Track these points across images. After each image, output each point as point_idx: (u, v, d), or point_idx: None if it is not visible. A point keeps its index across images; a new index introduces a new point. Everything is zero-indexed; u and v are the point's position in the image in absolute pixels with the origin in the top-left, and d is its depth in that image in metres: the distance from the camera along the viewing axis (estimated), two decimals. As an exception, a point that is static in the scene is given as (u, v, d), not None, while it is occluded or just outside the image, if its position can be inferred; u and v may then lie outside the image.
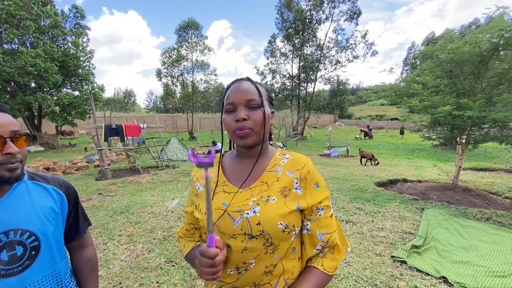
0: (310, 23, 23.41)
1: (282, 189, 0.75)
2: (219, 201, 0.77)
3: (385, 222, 3.72)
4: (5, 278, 0.74)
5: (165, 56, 25.00)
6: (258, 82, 0.82)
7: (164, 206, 4.46)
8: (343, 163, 10.11)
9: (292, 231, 0.73)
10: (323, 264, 0.77)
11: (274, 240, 0.71)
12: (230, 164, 0.85)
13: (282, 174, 0.77)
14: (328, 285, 2.31)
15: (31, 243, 0.79)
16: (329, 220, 0.78)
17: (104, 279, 2.44)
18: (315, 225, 0.77)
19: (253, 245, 0.70)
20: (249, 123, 0.73)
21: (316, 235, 0.77)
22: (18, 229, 0.77)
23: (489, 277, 2.44)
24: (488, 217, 3.91)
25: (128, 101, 70.46)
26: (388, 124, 38.54)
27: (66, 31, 16.05)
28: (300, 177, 0.76)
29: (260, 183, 0.77)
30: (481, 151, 13.48)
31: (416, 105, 5.10)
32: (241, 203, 0.74)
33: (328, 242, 0.77)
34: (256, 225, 0.70)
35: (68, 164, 8.44)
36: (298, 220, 0.75)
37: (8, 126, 0.75)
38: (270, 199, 0.73)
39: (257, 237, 0.70)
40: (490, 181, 6.61)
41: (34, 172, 0.91)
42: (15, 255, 0.75)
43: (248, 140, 0.74)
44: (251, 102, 0.74)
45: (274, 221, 0.70)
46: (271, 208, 0.71)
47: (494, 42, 4.40)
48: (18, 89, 14.52)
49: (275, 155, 0.83)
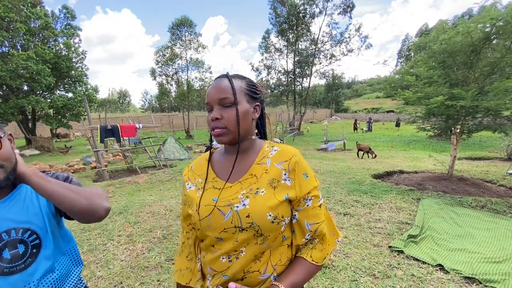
0: (304, 17, 23.32)
1: (270, 180, 0.76)
2: (209, 197, 0.79)
3: (382, 213, 3.77)
4: (9, 276, 0.76)
5: (159, 55, 24.82)
6: (240, 77, 0.82)
7: (162, 205, 4.47)
8: (340, 157, 10.18)
9: (282, 221, 0.74)
10: (311, 256, 0.78)
11: (263, 231, 0.72)
12: (219, 160, 0.87)
13: (271, 166, 0.78)
14: (327, 276, 2.35)
15: (32, 241, 0.81)
16: (317, 210, 0.79)
17: (104, 279, 2.45)
18: (302, 215, 0.78)
19: (244, 236, 0.73)
20: (222, 122, 0.74)
21: (304, 225, 0.78)
22: (20, 227, 0.79)
23: (484, 263, 2.50)
24: (483, 205, 3.97)
25: (123, 101, 69.87)
26: (384, 117, 38.74)
27: (57, 32, 15.80)
28: (288, 168, 0.77)
29: (249, 176, 0.78)
30: (476, 141, 13.63)
31: (410, 97, 5.14)
32: (230, 197, 0.75)
33: (316, 231, 0.78)
34: (245, 218, 0.72)
35: (64, 167, 8.39)
36: (288, 210, 0.77)
37: None
38: (259, 191, 0.74)
39: (247, 229, 0.72)
40: (485, 169, 6.71)
41: None
42: (17, 253, 0.78)
43: (223, 139, 0.76)
44: (224, 101, 0.74)
45: (263, 213, 0.71)
46: (260, 200, 0.73)
47: (485, 32, 4.43)
48: (11, 92, 14.32)
49: (263, 148, 0.83)
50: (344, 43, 24.08)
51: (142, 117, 30.38)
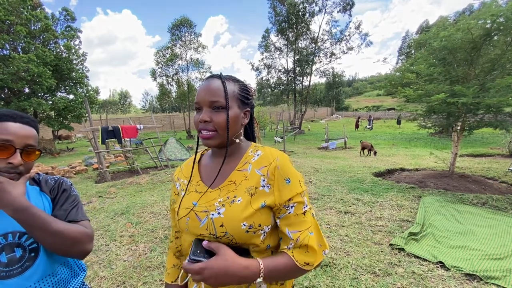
0: (304, 16, 23.25)
1: (249, 188, 0.73)
2: (189, 200, 0.78)
3: (383, 211, 3.77)
4: (5, 280, 0.76)
5: (159, 56, 24.82)
6: (234, 80, 0.80)
7: (164, 205, 4.49)
8: (341, 155, 10.17)
9: (259, 230, 0.71)
10: (293, 253, 0.71)
11: (238, 241, 0.70)
12: (206, 164, 0.86)
13: (251, 172, 0.75)
14: (328, 274, 2.36)
15: (30, 245, 0.81)
16: (301, 218, 0.72)
17: (107, 279, 2.47)
18: (284, 223, 0.72)
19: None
20: (212, 125, 0.72)
21: (286, 233, 0.72)
22: (17, 231, 0.79)
23: (485, 260, 2.50)
24: (484, 202, 3.97)
25: (124, 102, 70.03)
26: (385, 115, 38.65)
27: (57, 35, 15.86)
28: (267, 173, 0.72)
29: (229, 183, 0.76)
30: (478, 137, 13.58)
31: (410, 94, 5.13)
32: (208, 204, 0.74)
33: (298, 240, 0.70)
34: (219, 227, 0.69)
35: (66, 168, 8.44)
36: (266, 218, 0.72)
37: (25, 139, 0.79)
38: (236, 200, 0.72)
39: (221, 238, 0.70)
40: (487, 166, 6.69)
41: (32, 177, 0.94)
42: (14, 257, 0.78)
43: (211, 142, 0.74)
44: (215, 104, 0.72)
45: (237, 223, 0.69)
46: (235, 209, 0.70)
47: (486, 28, 4.41)
48: (12, 95, 14.38)
49: (247, 152, 0.81)
50: (344, 41, 24.03)
51: (143, 118, 30.44)
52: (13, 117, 0.79)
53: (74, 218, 0.89)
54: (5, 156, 0.74)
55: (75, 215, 0.90)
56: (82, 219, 0.91)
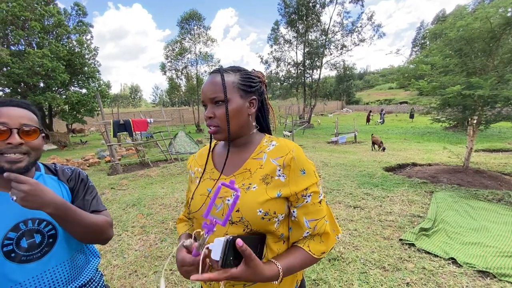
0: (314, 7, 22.70)
1: (264, 176, 0.74)
2: (204, 187, 0.81)
3: (394, 206, 3.72)
4: (26, 264, 0.80)
5: (168, 50, 24.91)
6: (235, 69, 0.80)
7: (174, 197, 4.57)
8: (351, 150, 10.03)
9: (274, 217, 0.73)
10: (309, 246, 0.76)
11: (253, 227, 0.71)
12: (220, 153, 0.88)
13: (266, 161, 0.77)
14: (336, 268, 2.36)
15: (49, 231, 0.85)
16: (317, 207, 0.76)
17: (120, 267, 2.56)
18: (301, 212, 0.76)
19: (234, 230, 0.72)
20: (215, 120, 0.76)
21: (303, 222, 0.76)
22: (36, 218, 0.83)
23: (500, 257, 2.43)
24: (500, 198, 3.85)
25: (135, 96, 71.05)
26: (397, 108, 37.70)
27: (69, 30, 16.15)
28: (283, 164, 0.74)
29: (244, 170, 0.78)
30: (495, 132, 13.09)
31: (424, 87, 4.97)
32: (223, 190, 0.74)
33: (316, 228, 0.76)
34: (235, 212, 0.71)
35: (80, 161, 8.69)
36: (281, 207, 0.75)
37: (18, 118, 0.80)
38: (251, 187, 0.73)
39: (236, 223, 0.72)
40: (504, 162, 6.46)
41: (48, 166, 0.98)
42: (34, 242, 0.82)
43: (217, 136, 0.78)
44: (215, 99, 0.75)
45: (253, 209, 0.70)
46: (251, 195, 0.72)
47: (506, 17, 4.19)
48: (28, 89, 14.83)
49: (262, 142, 0.82)
50: (356, 32, 23.36)
51: (153, 112, 30.85)
52: (2, 102, 0.81)
53: (97, 208, 0.97)
54: (3, 138, 0.76)
55: (97, 205, 0.98)
56: (103, 209, 1.00)
